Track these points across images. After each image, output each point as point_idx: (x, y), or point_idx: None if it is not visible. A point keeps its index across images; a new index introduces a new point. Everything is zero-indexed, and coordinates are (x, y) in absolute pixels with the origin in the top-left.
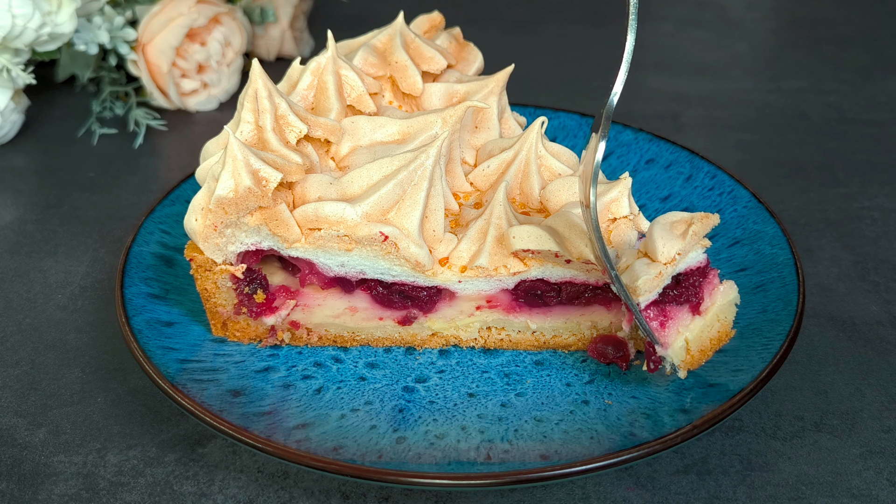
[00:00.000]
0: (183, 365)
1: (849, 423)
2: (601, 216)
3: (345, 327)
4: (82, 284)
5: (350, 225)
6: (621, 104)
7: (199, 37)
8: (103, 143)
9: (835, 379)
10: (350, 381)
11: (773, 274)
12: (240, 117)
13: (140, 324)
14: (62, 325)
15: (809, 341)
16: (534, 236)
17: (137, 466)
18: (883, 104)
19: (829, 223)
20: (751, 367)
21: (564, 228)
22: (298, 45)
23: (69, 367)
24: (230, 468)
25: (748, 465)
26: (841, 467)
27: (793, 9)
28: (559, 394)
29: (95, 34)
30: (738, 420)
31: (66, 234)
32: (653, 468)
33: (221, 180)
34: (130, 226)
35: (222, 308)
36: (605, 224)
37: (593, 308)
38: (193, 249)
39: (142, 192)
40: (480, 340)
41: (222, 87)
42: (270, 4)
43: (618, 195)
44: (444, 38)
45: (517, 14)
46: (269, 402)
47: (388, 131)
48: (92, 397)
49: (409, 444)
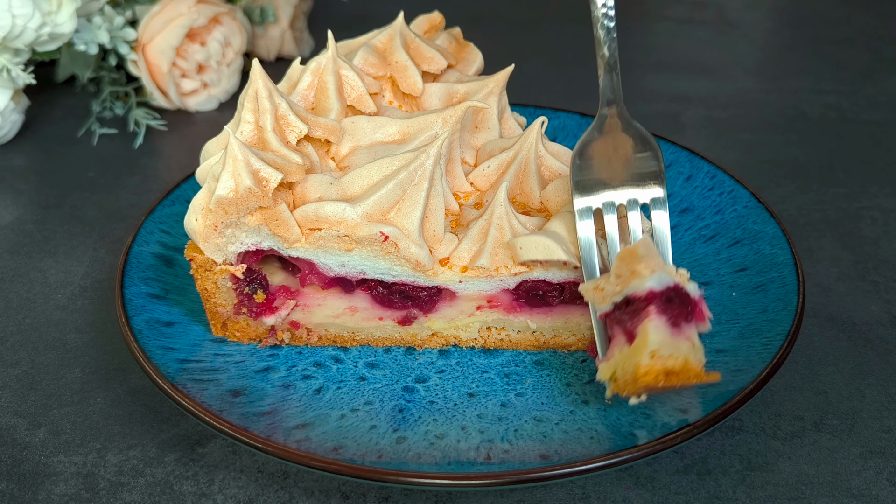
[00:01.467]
0: (183, 365)
1: (849, 423)
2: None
3: (345, 327)
4: (82, 284)
5: (350, 225)
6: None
7: (199, 37)
8: (103, 143)
9: (835, 379)
10: (350, 381)
11: (773, 274)
12: (240, 117)
13: (140, 324)
14: (62, 325)
15: (809, 341)
16: (541, 246)
17: (137, 466)
18: (883, 104)
19: (829, 223)
20: (751, 367)
21: (568, 231)
22: (298, 45)
23: (69, 367)
24: (230, 468)
25: (748, 465)
26: (841, 467)
27: (793, 9)
28: (559, 394)
29: (95, 34)
30: (738, 420)
31: (66, 234)
32: (653, 468)
33: (222, 180)
34: (130, 226)
35: (222, 308)
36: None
37: None
38: (193, 249)
39: (142, 193)
40: (480, 340)
41: (222, 87)
42: (270, 4)
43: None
44: (444, 37)
45: (517, 14)
46: (269, 402)
47: (388, 131)
48: (92, 397)
49: (409, 444)
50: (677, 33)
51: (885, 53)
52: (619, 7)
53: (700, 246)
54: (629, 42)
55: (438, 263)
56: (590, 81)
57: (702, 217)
